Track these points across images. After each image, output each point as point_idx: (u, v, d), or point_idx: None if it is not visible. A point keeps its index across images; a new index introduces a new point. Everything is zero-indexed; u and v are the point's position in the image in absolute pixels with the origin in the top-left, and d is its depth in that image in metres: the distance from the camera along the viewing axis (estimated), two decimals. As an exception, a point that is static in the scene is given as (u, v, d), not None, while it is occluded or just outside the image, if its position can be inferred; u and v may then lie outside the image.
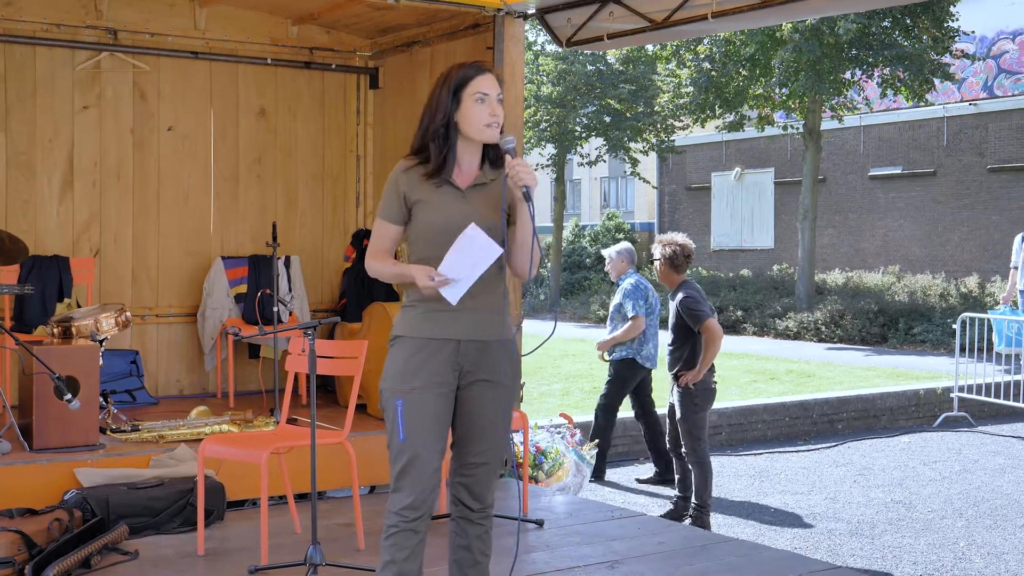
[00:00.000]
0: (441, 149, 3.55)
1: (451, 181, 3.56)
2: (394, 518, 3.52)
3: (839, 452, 10.24)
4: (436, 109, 3.56)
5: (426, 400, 3.51)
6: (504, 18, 6.83)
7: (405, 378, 3.53)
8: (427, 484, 3.51)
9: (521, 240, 3.55)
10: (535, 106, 25.21)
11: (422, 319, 3.56)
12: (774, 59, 18.67)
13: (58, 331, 6.17)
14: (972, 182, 22.35)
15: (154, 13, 7.78)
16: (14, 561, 4.53)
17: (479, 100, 3.52)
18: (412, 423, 3.50)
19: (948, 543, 6.97)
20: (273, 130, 8.33)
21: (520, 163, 3.47)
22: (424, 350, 3.54)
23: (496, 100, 3.55)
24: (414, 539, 3.53)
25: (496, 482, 3.70)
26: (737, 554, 5.28)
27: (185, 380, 8.08)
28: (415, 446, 3.50)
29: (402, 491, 3.52)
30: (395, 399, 3.52)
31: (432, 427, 3.52)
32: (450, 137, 3.55)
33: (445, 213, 3.52)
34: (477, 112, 3.52)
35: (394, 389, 3.54)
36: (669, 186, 29.43)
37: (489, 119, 3.53)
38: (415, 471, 3.50)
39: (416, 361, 3.53)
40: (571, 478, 7.55)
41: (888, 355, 16.82)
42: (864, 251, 24.10)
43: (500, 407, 3.61)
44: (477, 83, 3.53)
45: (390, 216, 3.62)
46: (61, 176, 7.61)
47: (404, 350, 3.56)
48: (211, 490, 5.46)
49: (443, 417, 3.56)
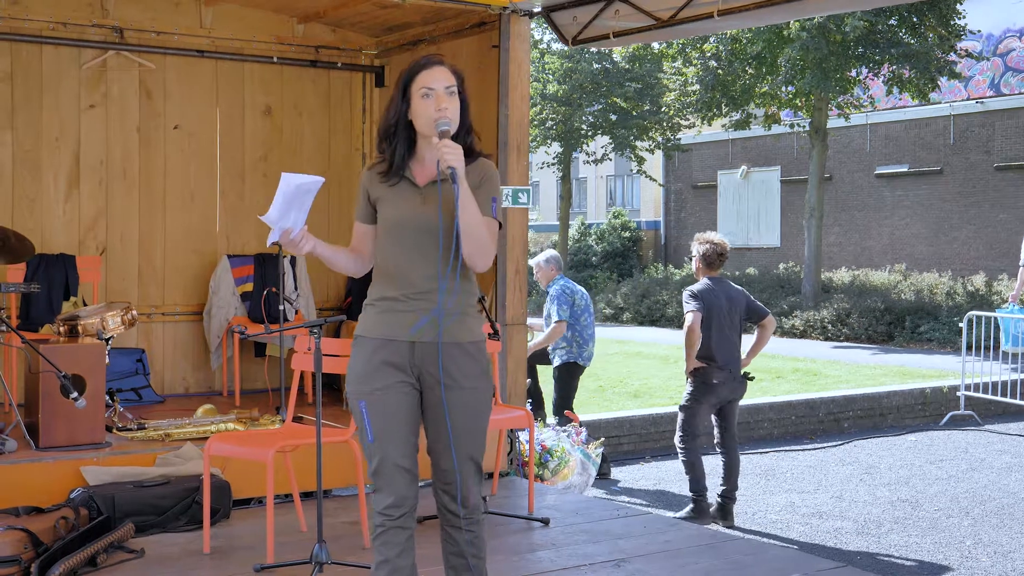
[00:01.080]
0: (393, 147, 3.55)
1: (408, 178, 3.55)
2: (379, 517, 3.52)
3: (845, 451, 10.23)
4: (390, 107, 3.56)
5: (388, 400, 3.50)
6: (510, 16, 6.82)
7: (366, 380, 3.52)
8: (404, 481, 3.51)
9: (464, 228, 3.42)
10: (541, 104, 25.21)
11: (378, 319, 3.54)
12: (780, 57, 18.64)
13: (64, 329, 6.18)
14: (979, 180, 22.30)
15: (160, 12, 7.78)
16: (20, 559, 4.54)
17: (424, 95, 3.48)
18: (378, 424, 3.49)
19: (954, 542, 6.96)
20: (279, 128, 8.34)
21: (446, 144, 3.39)
22: (381, 351, 3.51)
23: (444, 93, 3.48)
24: (403, 535, 3.52)
25: (479, 484, 3.62)
26: (743, 552, 5.27)
27: (191, 378, 8.09)
28: (384, 447, 3.49)
29: (382, 491, 3.52)
30: (359, 401, 3.52)
31: (398, 426, 3.51)
32: (398, 135, 3.53)
33: (399, 209, 3.52)
34: (424, 108, 3.48)
35: (357, 391, 3.54)
36: (675, 184, 29.40)
37: (435, 113, 3.46)
38: (389, 470, 3.49)
39: (375, 362, 3.52)
40: (577, 476, 7.55)
41: (894, 353, 16.79)
42: (870, 249, 24.06)
43: (467, 410, 3.53)
44: (422, 78, 3.50)
45: (359, 215, 3.66)
46: (67, 174, 7.62)
47: (363, 351, 3.55)
48: (217, 488, 5.47)
49: (409, 414, 3.54)
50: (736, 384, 7.47)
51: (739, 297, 7.57)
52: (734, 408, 7.57)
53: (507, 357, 6.79)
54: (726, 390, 7.42)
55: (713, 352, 7.33)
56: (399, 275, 3.52)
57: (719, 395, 7.39)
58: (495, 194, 3.58)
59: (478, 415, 3.57)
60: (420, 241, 3.50)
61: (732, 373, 7.42)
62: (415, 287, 3.50)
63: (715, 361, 7.33)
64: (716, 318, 7.35)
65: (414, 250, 3.50)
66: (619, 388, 12.53)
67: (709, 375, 7.30)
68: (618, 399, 11.71)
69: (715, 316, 7.34)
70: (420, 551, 3.69)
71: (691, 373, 7.38)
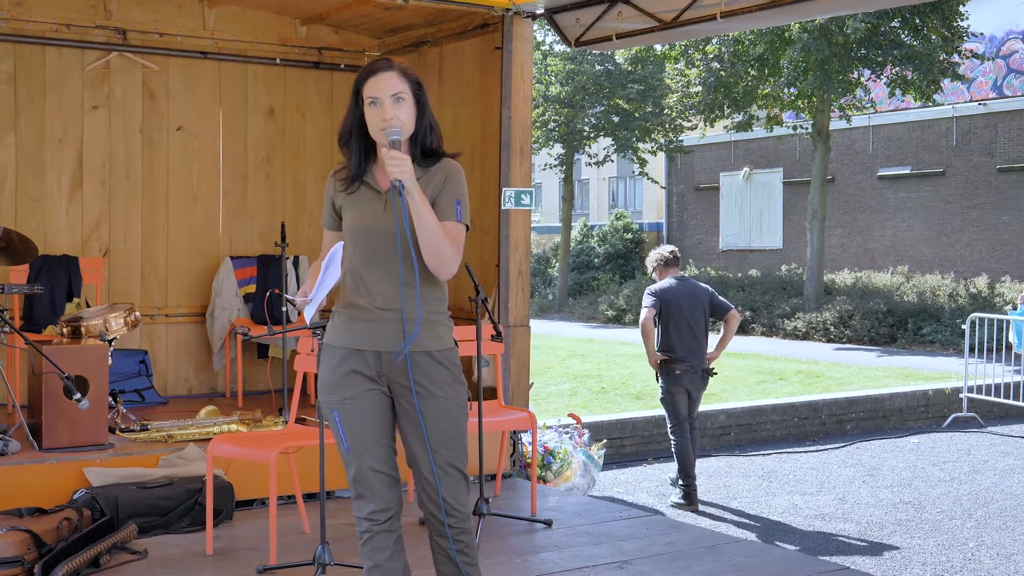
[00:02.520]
0: (350, 154, 3.51)
1: (370, 183, 3.50)
2: (365, 523, 3.50)
3: (848, 452, 10.22)
4: (347, 114, 3.51)
5: (360, 408, 3.47)
6: (513, 18, 6.82)
7: (335, 389, 3.49)
8: (384, 486, 3.49)
9: (420, 239, 3.36)
10: (543, 106, 25.21)
11: (344, 327, 3.50)
12: (783, 59, 18.64)
13: (67, 331, 6.18)
14: (981, 182, 22.29)
15: (163, 13, 7.79)
16: (24, 560, 4.54)
17: (371, 104, 3.42)
18: (352, 432, 3.47)
19: (957, 544, 6.96)
20: (282, 130, 8.34)
21: (392, 154, 3.30)
22: (348, 360, 3.48)
23: (390, 101, 3.40)
24: (391, 538, 3.51)
25: (466, 491, 3.57)
26: (746, 554, 5.27)
27: (194, 380, 8.09)
28: (360, 453, 3.47)
29: (364, 497, 3.50)
30: (332, 411, 3.50)
31: (372, 433, 3.48)
32: (352, 142, 3.49)
33: (361, 216, 3.47)
34: (371, 116, 3.42)
35: (328, 400, 3.51)
36: (677, 186, 29.39)
37: (381, 123, 3.40)
38: (369, 478, 3.48)
39: (342, 371, 3.48)
40: (579, 478, 7.54)
41: (897, 355, 16.78)
42: (873, 251, 24.05)
43: (443, 419, 3.47)
44: (367, 87, 3.43)
45: (326, 223, 3.62)
46: (70, 176, 7.62)
47: (331, 359, 3.52)
48: (220, 490, 5.47)
49: (381, 420, 3.50)
50: (696, 377, 7.87)
51: (702, 294, 7.97)
52: (697, 399, 8.00)
53: (510, 359, 6.79)
54: (687, 381, 7.84)
55: (673, 345, 7.82)
56: (363, 283, 3.46)
57: (683, 384, 7.84)
58: (459, 196, 3.47)
59: (455, 423, 3.50)
60: (381, 248, 3.42)
61: (692, 366, 7.83)
62: (379, 295, 3.44)
63: (675, 353, 7.81)
64: (674, 314, 7.82)
65: (376, 257, 3.43)
66: (621, 390, 12.53)
67: (672, 366, 7.82)
68: (621, 401, 11.71)
69: (673, 312, 7.82)
70: (419, 553, 3.69)
71: (658, 366, 7.87)
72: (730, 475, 9.16)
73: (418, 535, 3.67)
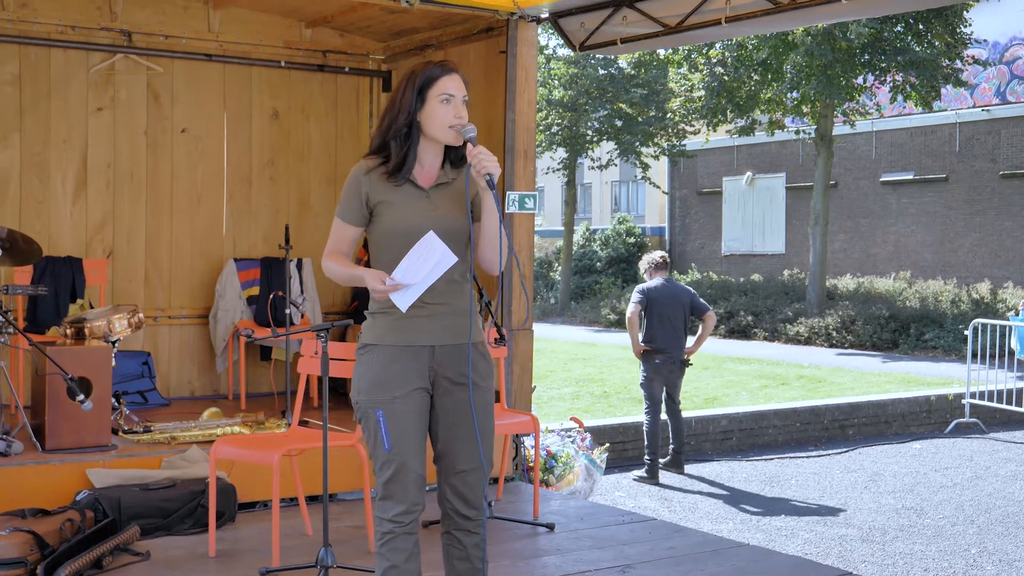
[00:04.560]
0: (402, 148, 3.49)
1: (413, 180, 3.51)
2: (388, 525, 3.49)
3: (850, 458, 10.22)
4: (400, 108, 3.49)
5: (408, 408, 3.48)
6: (518, 22, 6.83)
7: (384, 388, 3.48)
8: (417, 488, 3.50)
9: (488, 232, 3.47)
10: (546, 110, 25.21)
11: (394, 326, 3.51)
12: (786, 63, 18.65)
13: (71, 332, 6.18)
14: (984, 188, 22.29)
15: (168, 15, 7.80)
16: (27, 561, 4.54)
17: (444, 101, 3.47)
18: (396, 432, 3.46)
19: (960, 550, 6.95)
20: (286, 132, 8.35)
21: (482, 151, 3.38)
22: (399, 358, 3.49)
23: (461, 102, 3.50)
24: (410, 540, 3.51)
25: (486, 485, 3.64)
26: (748, 559, 5.27)
27: (197, 382, 8.09)
28: (402, 454, 3.47)
29: (393, 498, 3.49)
30: (375, 410, 3.48)
31: (415, 434, 3.49)
32: (411, 136, 3.49)
33: (409, 213, 3.48)
34: (442, 113, 3.47)
35: (373, 400, 3.49)
36: (680, 190, 29.39)
37: (453, 120, 3.47)
38: (404, 479, 3.47)
39: (392, 370, 3.48)
40: (582, 482, 7.54)
41: (899, 361, 16.77)
42: (875, 256, 24.05)
43: (485, 409, 3.56)
44: (443, 84, 3.48)
45: (350, 217, 3.57)
46: (75, 177, 7.63)
47: (378, 359, 3.50)
48: (223, 491, 5.47)
49: (424, 422, 3.53)
50: (674, 367, 9.00)
51: (684, 295, 9.09)
52: (677, 385, 9.14)
53: (512, 362, 6.80)
54: (666, 370, 8.97)
55: (655, 337, 8.93)
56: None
57: (662, 373, 8.96)
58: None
59: (490, 415, 3.60)
60: None
61: (671, 357, 8.95)
62: (432, 292, 3.47)
63: (657, 344, 8.91)
64: (658, 310, 8.93)
65: None
66: (624, 394, 12.53)
67: (653, 356, 8.93)
68: (623, 405, 11.71)
69: (657, 308, 8.92)
70: (425, 556, 3.69)
71: (641, 355, 8.96)
72: (732, 480, 9.16)
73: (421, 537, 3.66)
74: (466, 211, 3.48)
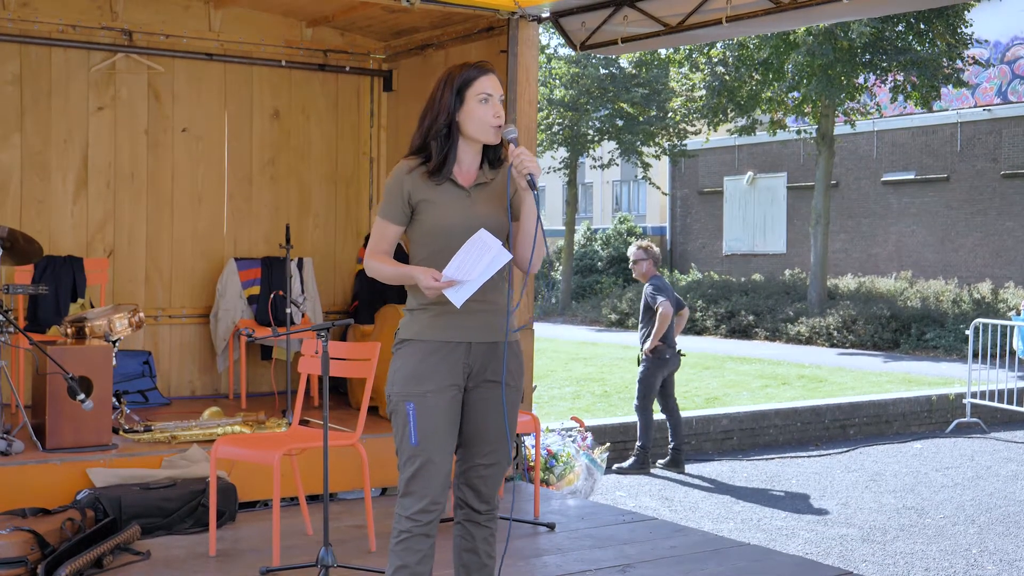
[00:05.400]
0: (443, 148, 3.53)
1: (454, 180, 3.55)
2: (406, 523, 3.49)
3: (851, 458, 10.22)
4: (439, 109, 3.54)
5: (439, 404, 3.49)
6: (518, 21, 6.83)
7: (417, 382, 3.50)
8: (440, 487, 3.49)
9: (526, 231, 3.53)
10: (547, 109, 25.21)
11: (432, 322, 3.54)
12: (787, 63, 18.64)
13: (72, 331, 6.18)
14: (985, 188, 22.28)
15: (169, 15, 7.80)
16: (27, 561, 4.54)
17: (483, 100, 3.51)
18: (425, 427, 3.48)
19: (960, 549, 6.95)
20: (287, 132, 8.35)
21: (523, 151, 3.44)
22: (436, 354, 3.52)
23: (498, 101, 3.54)
24: (426, 543, 3.50)
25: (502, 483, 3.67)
26: (749, 559, 5.27)
27: (197, 381, 8.09)
28: (428, 450, 3.47)
29: (413, 495, 3.49)
30: (406, 403, 3.49)
31: (445, 430, 3.50)
32: (451, 136, 3.53)
33: (451, 212, 3.51)
34: (481, 112, 3.51)
35: (406, 393, 3.50)
36: (681, 190, 29.39)
37: (492, 119, 3.52)
38: (428, 475, 3.47)
39: (428, 365, 3.50)
40: (582, 482, 7.54)
41: (900, 360, 16.77)
42: (876, 256, 24.05)
43: (514, 407, 3.61)
44: (481, 83, 3.52)
45: (392, 216, 3.59)
46: (76, 177, 7.63)
47: (414, 354, 3.53)
48: (223, 491, 5.47)
49: (454, 420, 3.54)
50: (677, 359, 9.27)
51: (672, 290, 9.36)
52: (673, 379, 9.36)
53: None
54: (672, 364, 9.22)
55: (668, 332, 9.11)
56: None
57: (668, 368, 9.18)
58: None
59: (516, 414, 3.67)
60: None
61: (675, 349, 9.23)
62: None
63: (667, 340, 9.12)
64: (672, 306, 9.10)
65: None
66: (624, 393, 12.53)
67: (663, 352, 9.11)
68: (623, 404, 11.70)
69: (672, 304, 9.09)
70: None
71: (651, 351, 9.07)
72: (733, 479, 9.16)
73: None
74: (505, 210, 3.54)
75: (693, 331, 21.48)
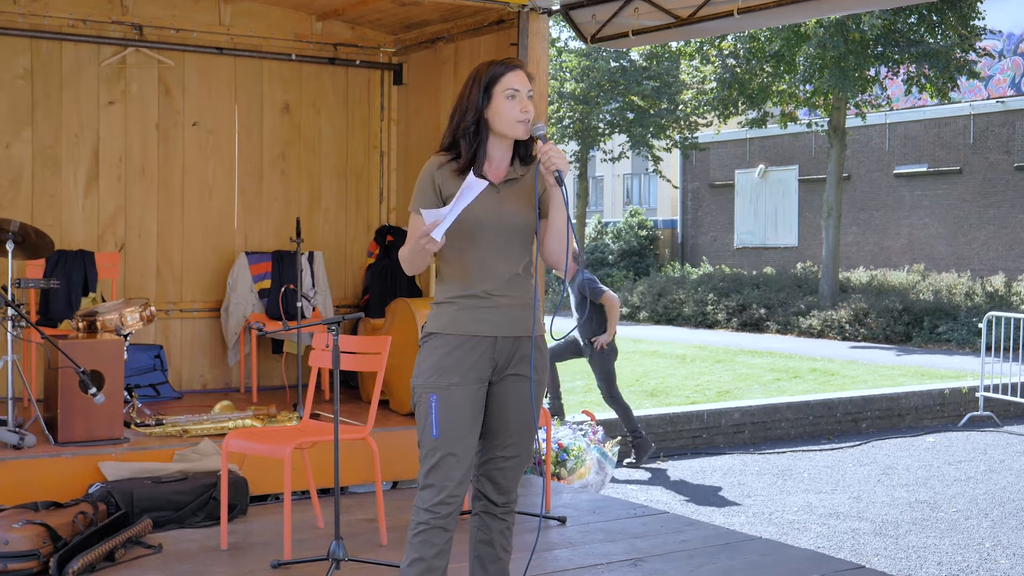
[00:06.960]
0: (471, 144, 3.54)
1: (483, 176, 3.55)
2: (424, 515, 3.49)
3: (863, 451, 10.19)
4: (467, 106, 3.56)
5: (463, 397, 3.49)
6: (529, 14, 6.81)
7: (442, 374, 3.50)
8: (459, 481, 3.49)
9: (555, 228, 3.55)
10: (558, 102, 25.18)
11: (458, 316, 3.54)
12: (798, 55, 18.57)
13: (83, 325, 6.19)
14: (998, 180, 22.18)
15: (179, 9, 7.80)
16: (39, 554, 4.55)
17: (510, 96, 3.52)
18: (447, 419, 3.48)
19: (973, 544, 6.93)
20: (297, 126, 8.35)
21: (552, 147, 3.45)
22: (462, 347, 3.52)
23: (527, 96, 3.55)
24: (444, 536, 3.50)
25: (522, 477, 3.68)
26: (761, 553, 5.25)
27: (208, 375, 8.10)
28: (449, 443, 3.47)
29: (433, 487, 3.48)
30: (430, 395, 3.49)
31: (467, 424, 3.50)
32: (480, 133, 3.54)
33: (479, 208, 3.50)
34: (508, 108, 3.52)
35: (430, 385, 3.51)
36: (692, 183, 29.33)
37: (520, 115, 3.52)
38: (448, 468, 3.47)
39: (454, 358, 3.51)
40: (593, 475, 7.54)
41: (913, 354, 16.72)
42: (889, 249, 23.97)
43: (538, 401, 3.62)
44: (508, 79, 3.54)
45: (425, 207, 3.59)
46: (86, 171, 7.64)
47: (440, 347, 3.53)
48: (234, 484, 5.48)
49: (478, 414, 3.54)
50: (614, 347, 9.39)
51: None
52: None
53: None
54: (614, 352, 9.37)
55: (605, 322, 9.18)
56: (479, 273, 3.53)
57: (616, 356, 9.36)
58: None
59: (540, 406, 3.67)
60: (502, 239, 3.54)
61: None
62: (497, 284, 3.53)
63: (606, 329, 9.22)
64: None
65: (495, 248, 3.53)
66: (636, 387, 12.52)
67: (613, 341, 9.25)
68: (635, 398, 11.69)
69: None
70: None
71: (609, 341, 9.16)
72: (744, 473, 9.14)
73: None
74: (533, 206, 3.55)
75: (704, 324, 21.44)
